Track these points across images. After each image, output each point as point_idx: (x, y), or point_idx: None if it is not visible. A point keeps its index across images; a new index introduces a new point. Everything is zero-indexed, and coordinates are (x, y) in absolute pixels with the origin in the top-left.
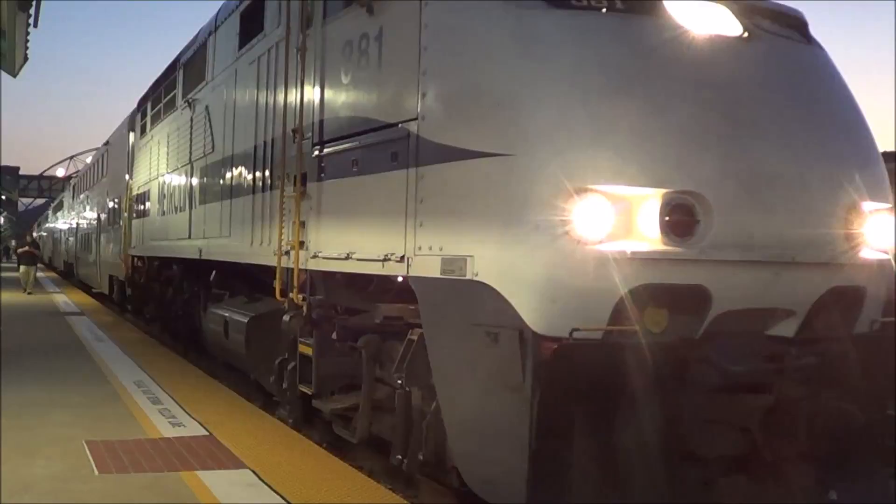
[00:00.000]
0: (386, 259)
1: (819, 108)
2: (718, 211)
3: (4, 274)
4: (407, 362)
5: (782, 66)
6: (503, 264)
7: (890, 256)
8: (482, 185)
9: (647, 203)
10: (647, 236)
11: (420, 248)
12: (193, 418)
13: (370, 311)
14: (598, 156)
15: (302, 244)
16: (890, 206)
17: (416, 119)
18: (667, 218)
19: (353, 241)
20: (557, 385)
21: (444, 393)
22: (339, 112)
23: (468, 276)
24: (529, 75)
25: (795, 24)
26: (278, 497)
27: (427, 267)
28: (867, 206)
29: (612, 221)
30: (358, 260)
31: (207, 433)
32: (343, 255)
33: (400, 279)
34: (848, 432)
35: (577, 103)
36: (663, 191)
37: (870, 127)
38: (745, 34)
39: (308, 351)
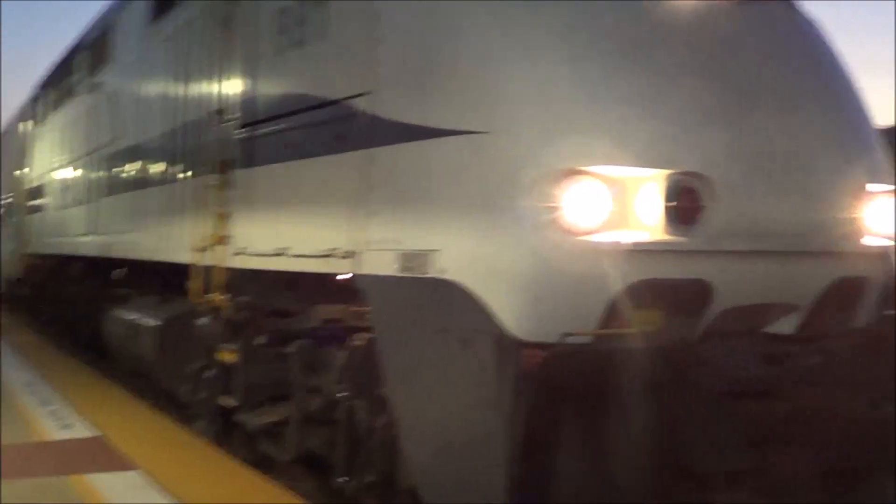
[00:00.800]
0: (329, 255)
1: (820, 81)
2: (726, 194)
3: None
4: (352, 371)
5: (779, 33)
6: (477, 259)
7: (891, 242)
8: (451, 168)
9: (648, 186)
10: (648, 224)
11: (372, 242)
12: (84, 420)
13: (304, 313)
14: (591, 132)
15: (224, 239)
16: (892, 188)
17: (366, 94)
18: (670, 203)
19: (287, 234)
20: (542, 399)
21: (404, 407)
22: (271, 89)
23: (433, 274)
24: (508, 39)
25: None
26: (170, 498)
27: (381, 263)
28: (871, 187)
29: (608, 208)
30: (293, 256)
31: (98, 435)
32: (275, 251)
33: (345, 277)
34: (867, 440)
35: (565, 71)
36: (666, 172)
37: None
38: None
39: (231, 358)
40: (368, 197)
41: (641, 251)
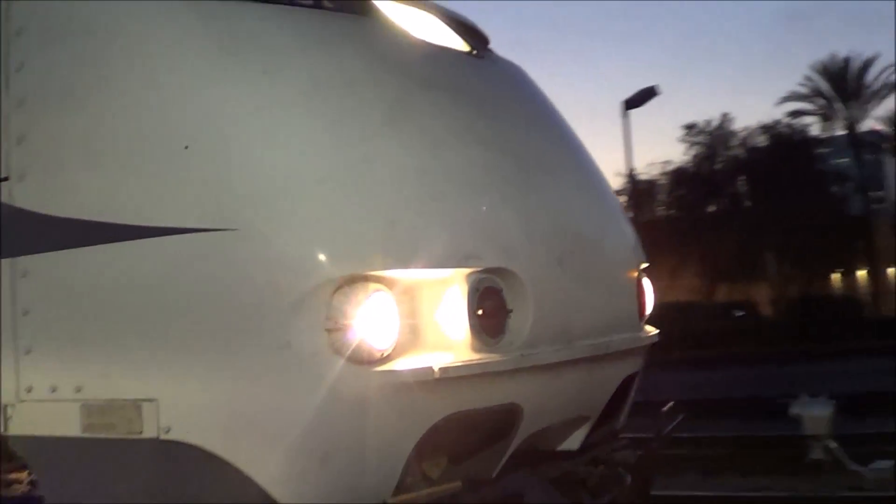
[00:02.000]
0: None
1: (570, 145)
2: (534, 293)
3: None
4: None
5: (521, 92)
6: (222, 410)
7: (655, 331)
8: (172, 281)
9: (449, 291)
10: (452, 340)
11: (31, 390)
12: None
13: None
14: (370, 223)
15: None
16: (647, 264)
17: (3, 180)
18: (479, 311)
19: None
20: None
21: None
22: None
23: (150, 434)
24: (248, 100)
25: (484, 40)
26: None
27: (48, 420)
28: (641, 267)
29: (400, 324)
30: None
31: None
32: None
33: None
34: None
35: (328, 144)
36: (467, 271)
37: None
38: (474, 51)
39: None
40: (19, 326)
41: (450, 378)
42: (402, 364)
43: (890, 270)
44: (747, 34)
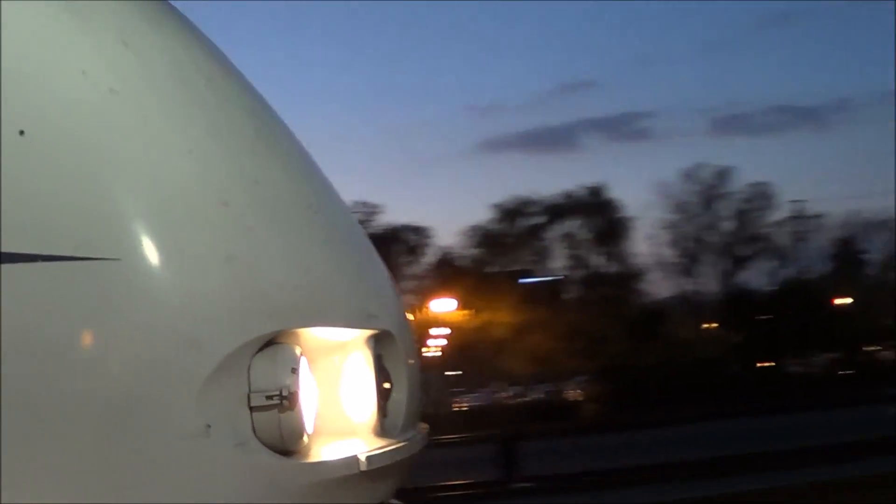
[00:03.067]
0: None
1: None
2: (407, 364)
3: None
4: None
5: None
6: None
7: None
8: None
9: (352, 358)
10: (355, 422)
11: None
12: None
13: None
14: (290, 266)
15: None
16: None
17: None
18: (385, 384)
19: None
20: None
21: None
22: None
23: None
24: (108, 76)
25: None
26: None
27: None
28: None
29: (318, 398)
30: None
31: None
32: None
33: None
34: None
35: (218, 153)
36: (368, 333)
37: None
38: None
39: None
40: None
41: (370, 472)
42: (329, 451)
43: None
44: None
